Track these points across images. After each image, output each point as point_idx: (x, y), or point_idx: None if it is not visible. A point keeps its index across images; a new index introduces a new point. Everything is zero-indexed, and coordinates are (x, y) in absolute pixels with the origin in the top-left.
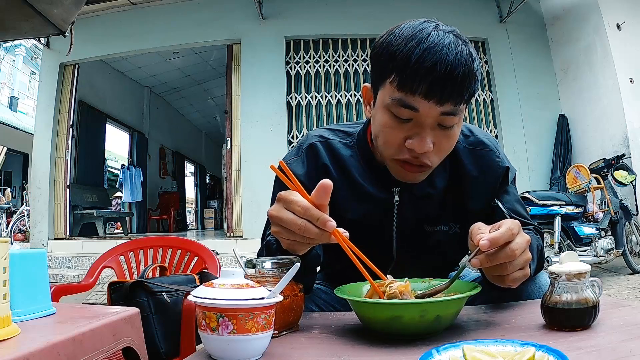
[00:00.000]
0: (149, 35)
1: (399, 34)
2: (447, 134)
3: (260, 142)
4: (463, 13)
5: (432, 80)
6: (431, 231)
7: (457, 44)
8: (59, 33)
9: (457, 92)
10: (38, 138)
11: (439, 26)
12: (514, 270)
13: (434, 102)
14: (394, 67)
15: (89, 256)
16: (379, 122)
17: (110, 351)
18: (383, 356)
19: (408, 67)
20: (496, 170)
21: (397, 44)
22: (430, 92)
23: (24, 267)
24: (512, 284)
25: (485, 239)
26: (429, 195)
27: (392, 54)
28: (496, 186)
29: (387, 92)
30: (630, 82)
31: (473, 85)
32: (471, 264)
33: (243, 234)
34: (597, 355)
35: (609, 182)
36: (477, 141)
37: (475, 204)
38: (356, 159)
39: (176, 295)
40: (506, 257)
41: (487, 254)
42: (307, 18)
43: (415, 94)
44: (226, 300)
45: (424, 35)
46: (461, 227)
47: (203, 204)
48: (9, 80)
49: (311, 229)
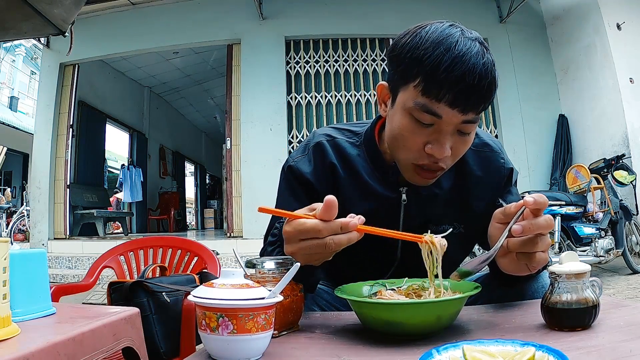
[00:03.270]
0: (149, 35)
1: (425, 37)
2: (464, 139)
3: (260, 142)
4: (463, 13)
5: (459, 90)
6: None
7: (484, 54)
8: (59, 33)
9: (480, 102)
10: (38, 138)
11: (464, 32)
12: (542, 249)
13: (457, 110)
14: (419, 72)
15: (89, 256)
16: (398, 124)
17: (110, 351)
18: (383, 356)
19: (436, 74)
20: (501, 171)
21: (424, 48)
22: (456, 101)
23: (24, 267)
24: (536, 266)
25: (530, 196)
26: (435, 195)
27: (418, 58)
28: (500, 187)
29: (410, 95)
30: (630, 82)
31: (494, 94)
32: (513, 231)
33: (243, 234)
34: (597, 355)
35: (609, 182)
36: (482, 142)
37: (479, 204)
38: (363, 158)
39: (176, 295)
40: (546, 225)
41: (529, 220)
42: (307, 18)
43: (440, 101)
44: (226, 300)
45: (452, 42)
46: (465, 227)
47: (203, 204)
48: (9, 80)
49: (341, 240)
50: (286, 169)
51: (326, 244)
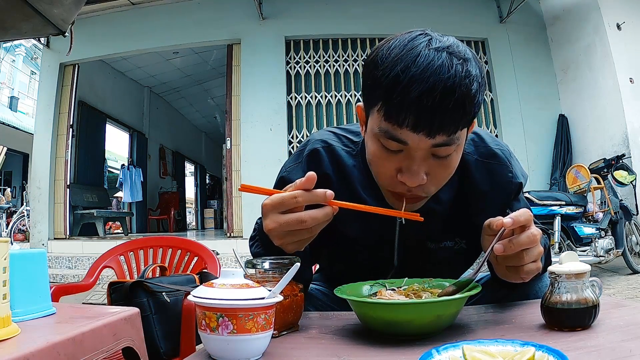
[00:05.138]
0: (149, 35)
1: (386, 55)
2: (443, 163)
3: (260, 142)
4: (463, 13)
5: (420, 112)
6: (435, 248)
7: (451, 65)
8: (59, 33)
9: (449, 122)
10: (38, 138)
11: (431, 42)
12: (529, 261)
13: (423, 134)
14: (379, 96)
15: (89, 256)
16: (370, 150)
17: (110, 351)
18: (383, 356)
19: (393, 97)
20: (509, 187)
21: (382, 68)
22: (419, 125)
23: (24, 267)
24: (526, 276)
25: (508, 217)
26: (433, 210)
27: (377, 80)
28: (507, 202)
29: (375, 120)
30: (630, 82)
31: (471, 109)
32: (494, 250)
33: (243, 234)
34: (597, 355)
35: (609, 182)
36: (489, 152)
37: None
38: (359, 169)
39: (176, 295)
40: (529, 241)
41: (510, 238)
42: (307, 18)
43: (402, 127)
44: (226, 300)
45: (412, 58)
46: (467, 242)
47: (203, 204)
48: (9, 80)
49: (317, 215)
50: (279, 180)
51: (302, 218)
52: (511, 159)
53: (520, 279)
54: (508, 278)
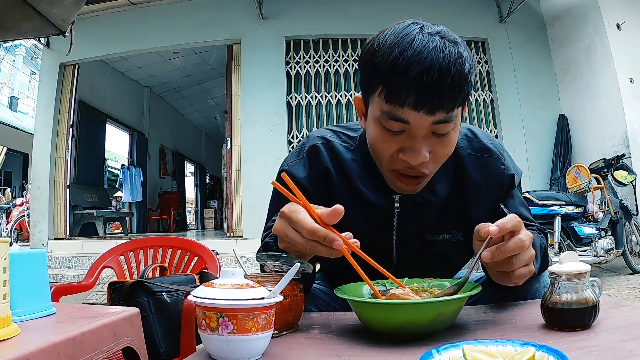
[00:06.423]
0: (149, 35)
1: (382, 42)
2: (443, 141)
3: (260, 142)
4: (463, 13)
5: (420, 91)
6: (433, 240)
7: (444, 47)
8: (59, 33)
9: (447, 99)
10: (38, 138)
11: (424, 28)
12: (520, 266)
13: (424, 112)
14: (379, 79)
15: (89, 256)
16: (371, 135)
17: (110, 351)
18: (383, 356)
19: (393, 79)
20: (502, 179)
21: (380, 54)
22: (419, 103)
23: (24, 267)
24: (518, 280)
25: (494, 225)
26: (430, 202)
27: (376, 65)
28: (501, 194)
29: (376, 105)
30: (630, 82)
31: (465, 88)
32: (482, 257)
33: (243, 234)
34: (597, 355)
35: (609, 182)
36: (482, 147)
37: (478, 212)
38: (357, 163)
39: (176, 295)
40: (516, 248)
41: (498, 245)
42: (307, 18)
43: (403, 106)
44: (226, 300)
45: (408, 42)
46: (464, 235)
47: (203, 204)
48: (9, 80)
49: (320, 249)
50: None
51: (306, 246)
52: (504, 153)
53: (513, 283)
54: (501, 282)
